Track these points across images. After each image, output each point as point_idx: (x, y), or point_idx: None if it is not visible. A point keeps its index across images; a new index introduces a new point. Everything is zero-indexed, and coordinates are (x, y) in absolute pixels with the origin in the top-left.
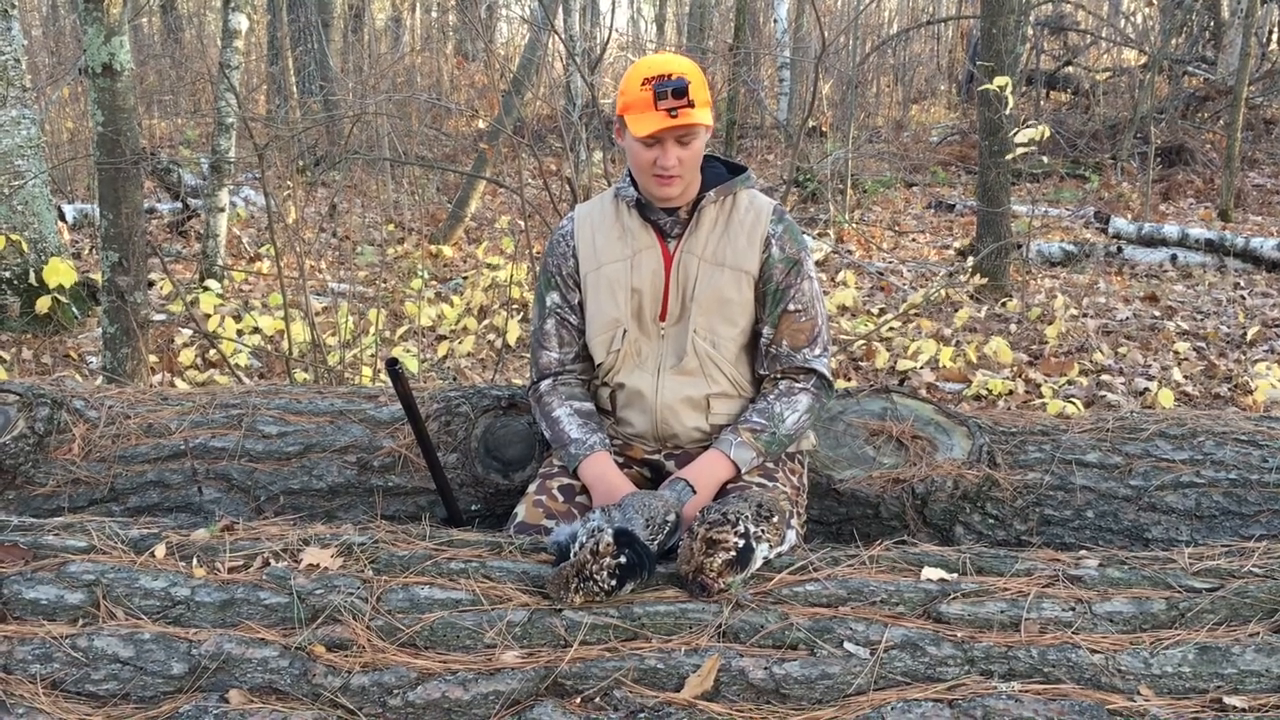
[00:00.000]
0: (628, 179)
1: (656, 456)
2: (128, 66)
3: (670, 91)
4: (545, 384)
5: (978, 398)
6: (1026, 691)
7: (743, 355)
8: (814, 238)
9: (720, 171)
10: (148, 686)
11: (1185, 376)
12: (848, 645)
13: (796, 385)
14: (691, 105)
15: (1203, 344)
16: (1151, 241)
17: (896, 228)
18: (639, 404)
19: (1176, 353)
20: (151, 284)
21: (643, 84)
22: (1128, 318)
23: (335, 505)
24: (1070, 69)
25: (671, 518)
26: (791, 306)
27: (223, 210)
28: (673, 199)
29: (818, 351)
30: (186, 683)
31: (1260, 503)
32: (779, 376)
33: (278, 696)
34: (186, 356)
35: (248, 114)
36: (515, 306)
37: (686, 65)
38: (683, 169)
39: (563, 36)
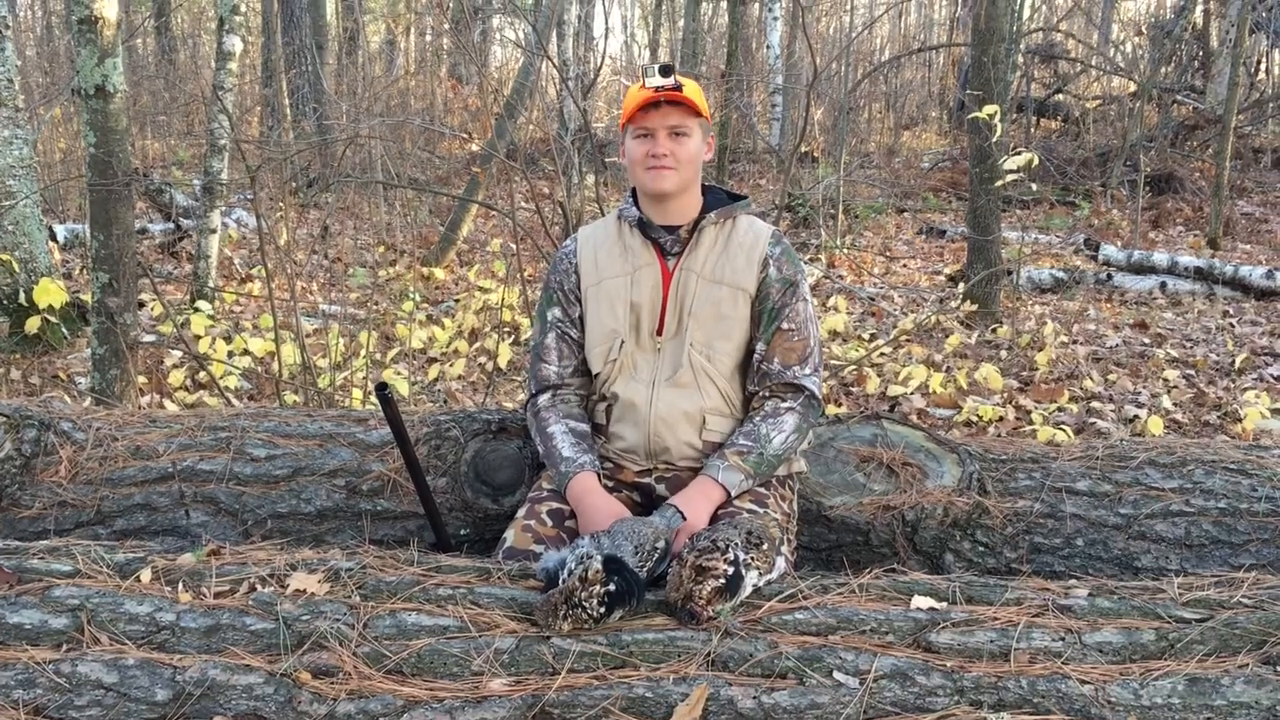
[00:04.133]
0: (630, 199)
1: (648, 479)
2: (121, 88)
3: (658, 70)
4: (544, 398)
5: (968, 424)
6: None
7: (736, 374)
8: (805, 263)
9: (721, 197)
10: (131, 713)
11: (1175, 404)
12: (837, 674)
13: (783, 405)
14: (679, 90)
15: (1192, 372)
16: (1141, 269)
17: (888, 253)
18: (632, 416)
19: (1166, 380)
20: (142, 305)
21: (639, 88)
22: (1117, 345)
23: (323, 529)
24: (1060, 97)
25: (661, 544)
26: (785, 325)
27: (214, 231)
28: (667, 193)
29: (808, 370)
30: (171, 709)
31: (1249, 532)
32: (767, 395)
33: None
34: (176, 378)
35: (241, 136)
36: (507, 329)
37: (684, 77)
38: (675, 162)
39: (556, 62)
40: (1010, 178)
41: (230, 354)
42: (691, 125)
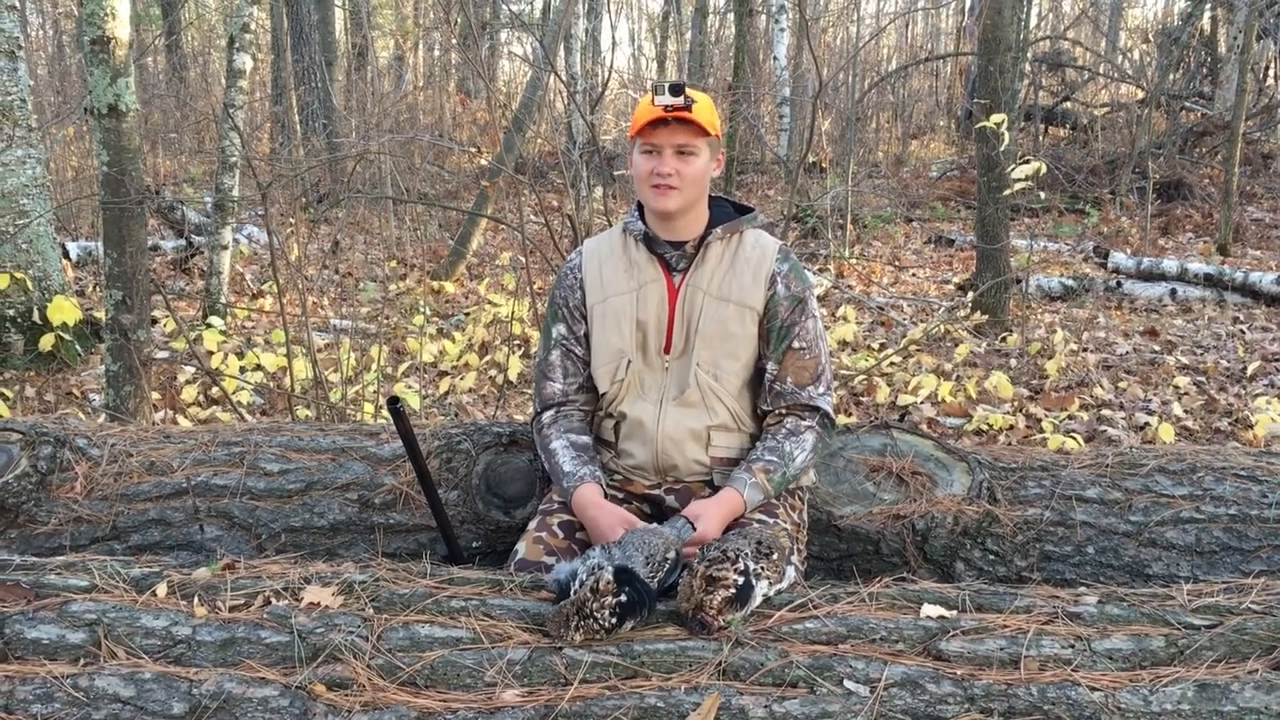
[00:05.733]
0: (636, 213)
1: (657, 491)
2: (133, 107)
3: (668, 88)
4: (547, 415)
5: (978, 433)
6: None
7: (745, 390)
8: (814, 273)
9: (728, 211)
10: None
11: (1185, 411)
12: (848, 683)
13: (803, 424)
14: (688, 109)
15: (1202, 378)
16: (1151, 276)
17: (896, 263)
18: (640, 435)
19: (1176, 387)
20: (155, 321)
21: (649, 103)
22: (1127, 352)
23: (336, 543)
24: (1068, 104)
25: (671, 555)
26: (796, 344)
27: (226, 248)
28: (670, 212)
29: (821, 389)
30: None
31: (1260, 538)
32: (783, 413)
33: None
34: (189, 394)
35: (251, 153)
36: (517, 342)
37: (697, 92)
38: (680, 181)
39: (563, 78)
40: (1019, 186)
41: (243, 369)
42: (699, 145)
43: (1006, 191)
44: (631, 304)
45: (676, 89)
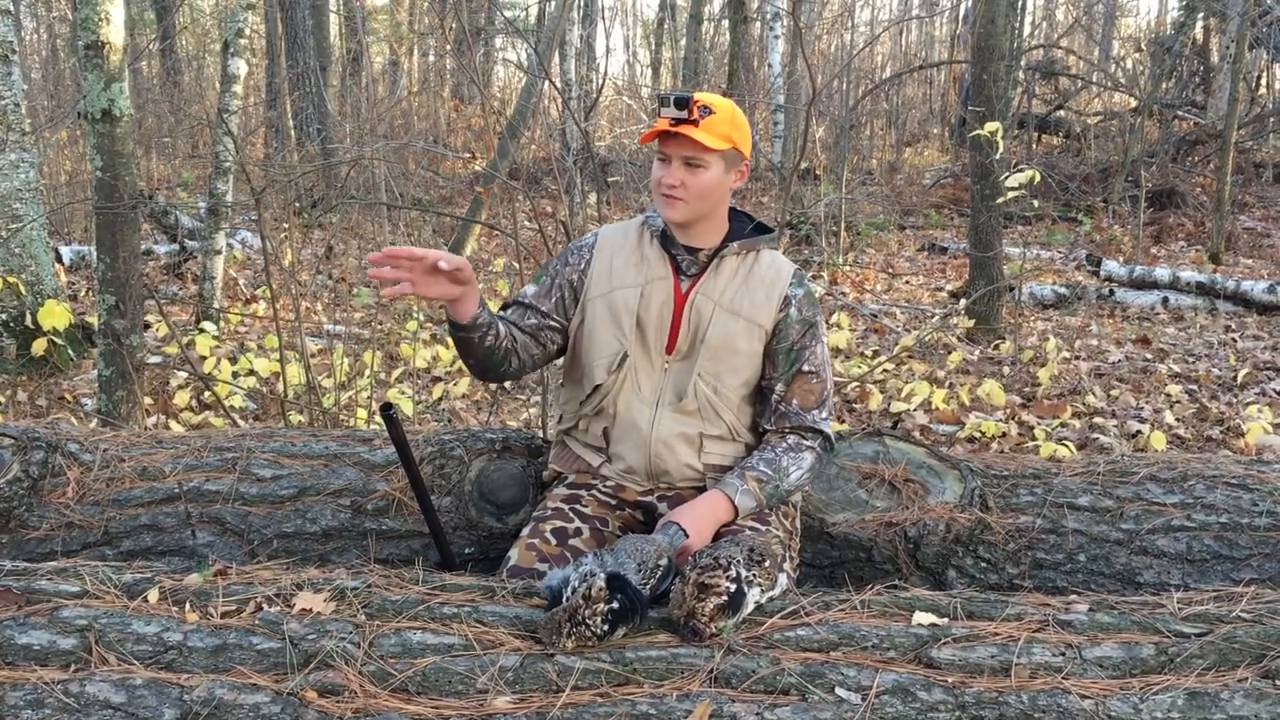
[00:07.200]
0: (657, 210)
1: (649, 499)
2: (127, 112)
3: (673, 101)
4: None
5: (971, 440)
6: None
7: (745, 404)
8: (808, 280)
9: (746, 226)
10: None
11: (1177, 419)
12: (839, 690)
13: (804, 443)
14: (695, 124)
15: (1194, 387)
16: (1143, 284)
17: (890, 270)
18: (633, 437)
19: (1168, 395)
20: (148, 326)
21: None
22: (1120, 360)
23: (329, 549)
24: (1061, 113)
25: (664, 562)
26: (806, 368)
27: (219, 252)
28: (675, 222)
29: (825, 414)
30: None
31: (1251, 546)
32: (786, 431)
33: None
34: (182, 399)
35: (245, 158)
36: None
37: (714, 99)
38: (686, 193)
39: (557, 85)
40: (1012, 194)
41: (235, 374)
42: (708, 158)
43: (1000, 199)
44: (635, 299)
45: (681, 101)
